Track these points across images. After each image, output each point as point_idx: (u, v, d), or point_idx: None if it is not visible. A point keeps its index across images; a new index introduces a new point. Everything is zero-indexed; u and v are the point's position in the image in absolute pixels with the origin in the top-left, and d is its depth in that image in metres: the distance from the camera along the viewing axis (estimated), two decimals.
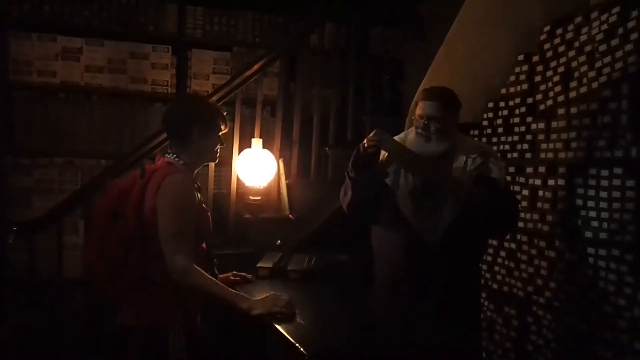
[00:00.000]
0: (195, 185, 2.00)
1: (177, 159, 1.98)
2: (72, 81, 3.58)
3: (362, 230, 2.40)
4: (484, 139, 3.13)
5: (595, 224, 2.37)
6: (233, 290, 1.93)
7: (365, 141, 2.13)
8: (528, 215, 2.72)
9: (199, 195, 2.01)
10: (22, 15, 3.47)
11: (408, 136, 2.26)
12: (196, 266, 1.85)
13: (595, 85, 2.50)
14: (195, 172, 2.06)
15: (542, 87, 2.83)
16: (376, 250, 2.32)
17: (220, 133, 2.05)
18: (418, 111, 2.20)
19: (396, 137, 2.27)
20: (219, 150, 2.08)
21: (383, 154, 2.20)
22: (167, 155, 2.02)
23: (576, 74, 2.63)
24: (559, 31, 2.79)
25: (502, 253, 2.89)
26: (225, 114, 2.07)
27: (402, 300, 2.17)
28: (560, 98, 2.69)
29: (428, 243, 2.14)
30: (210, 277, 1.90)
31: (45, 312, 2.94)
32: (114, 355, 2.12)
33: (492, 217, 2.14)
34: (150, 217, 1.87)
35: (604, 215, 2.31)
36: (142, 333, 1.90)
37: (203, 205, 2.05)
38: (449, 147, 2.18)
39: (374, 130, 2.12)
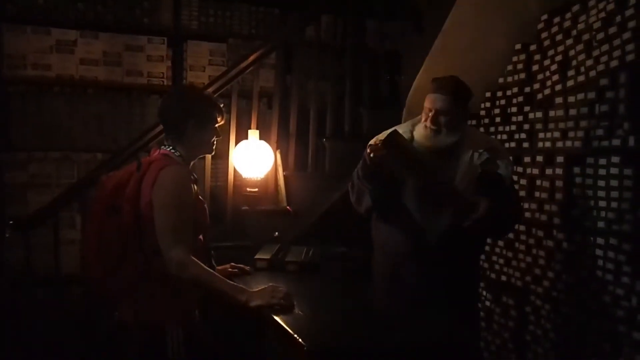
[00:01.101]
0: (192, 177, 1.99)
1: (173, 151, 1.97)
2: (67, 74, 3.55)
3: (360, 222, 2.39)
4: (482, 129, 3.12)
5: (593, 213, 2.37)
6: (231, 282, 1.91)
7: (368, 150, 2.07)
8: (526, 205, 2.72)
9: (195, 187, 1.99)
10: (16, 8, 3.44)
11: (416, 129, 2.19)
12: (194, 258, 1.84)
13: (593, 74, 2.49)
14: (192, 164, 2.05)
15: (540, 77, 2.82)
16: (377, 243, 2.32)
17: (216, 125, 2.03)
18: (427, 104, 2.15)
19: (401, 127, 2.22)
20: (215, 142, 2.06)
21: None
22: (163, 147, 2.00)
23: (574, 63, 2.62)
24: (557, 20, 2.78)
25: (500, 243, 2.89)
26: (222, 105, 2.06)
27: (402, 293, 2.17)
28: (558, 87, 2.68)
29: (430, 239, 2.14)
30: (208, 269, 1.89)
31: (43, 308, 2.93)
32: (112, 351, 2.11)
33: (494, 224, 2.10)
34: (146, 210, 1.85)
35: (602, 204, 2.31)
36: (140, 329, 1.89)
37: (200, 197, 2.04)
38: (458, 140, 2.14)
39: (373, 146, 2.03)
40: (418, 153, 2.08)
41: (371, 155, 2.05)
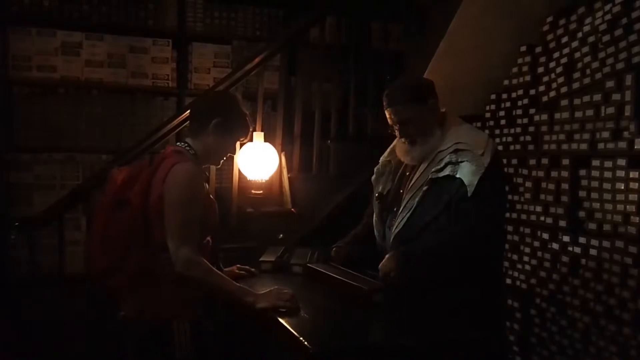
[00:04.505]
0: (204, 176, 1.98)
1: (188, 149, 1.96)
2: (72, 76, 3.56)
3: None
4: (487, 131, 3.11)
5: (598, 215, 2.36)
6: (237, 284, 1.91)
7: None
8: (531, 208, 2.72)
9: (207, 186, 1.98)
10: (21, 9, 3.45)
11: (397, 146, 2.14)
12: (202, 258, 1.84)
13: (598, 76, 2.49)
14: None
15: (545, 79, 2.82)
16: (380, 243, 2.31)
17: (237, 141, 2.04)
18: (388, 121, 2.07)
19: (385, 153, 2.24)
20: (225, 157, 2.06)
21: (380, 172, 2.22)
22: (177, 144, 2.00)
23: (579, 65, 2.62)
24: (562, 22, 2.78)
25: (505, 246, 2.88)
26: (250, 129, 2.07)
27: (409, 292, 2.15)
28: (563, 89, 2.68)
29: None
30: (214, 269, 1.88)
31: (48, 308, 2.94)
32: (117, 347, 2.11)
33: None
34: (156, 205, 1.84)
35: (608, 207, 2.31)
36: (146, 324, 1.88)
37: (210, 196, 2.03)
38: (433, 146, 2.01)
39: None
40: (337, 272, 2.13)
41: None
